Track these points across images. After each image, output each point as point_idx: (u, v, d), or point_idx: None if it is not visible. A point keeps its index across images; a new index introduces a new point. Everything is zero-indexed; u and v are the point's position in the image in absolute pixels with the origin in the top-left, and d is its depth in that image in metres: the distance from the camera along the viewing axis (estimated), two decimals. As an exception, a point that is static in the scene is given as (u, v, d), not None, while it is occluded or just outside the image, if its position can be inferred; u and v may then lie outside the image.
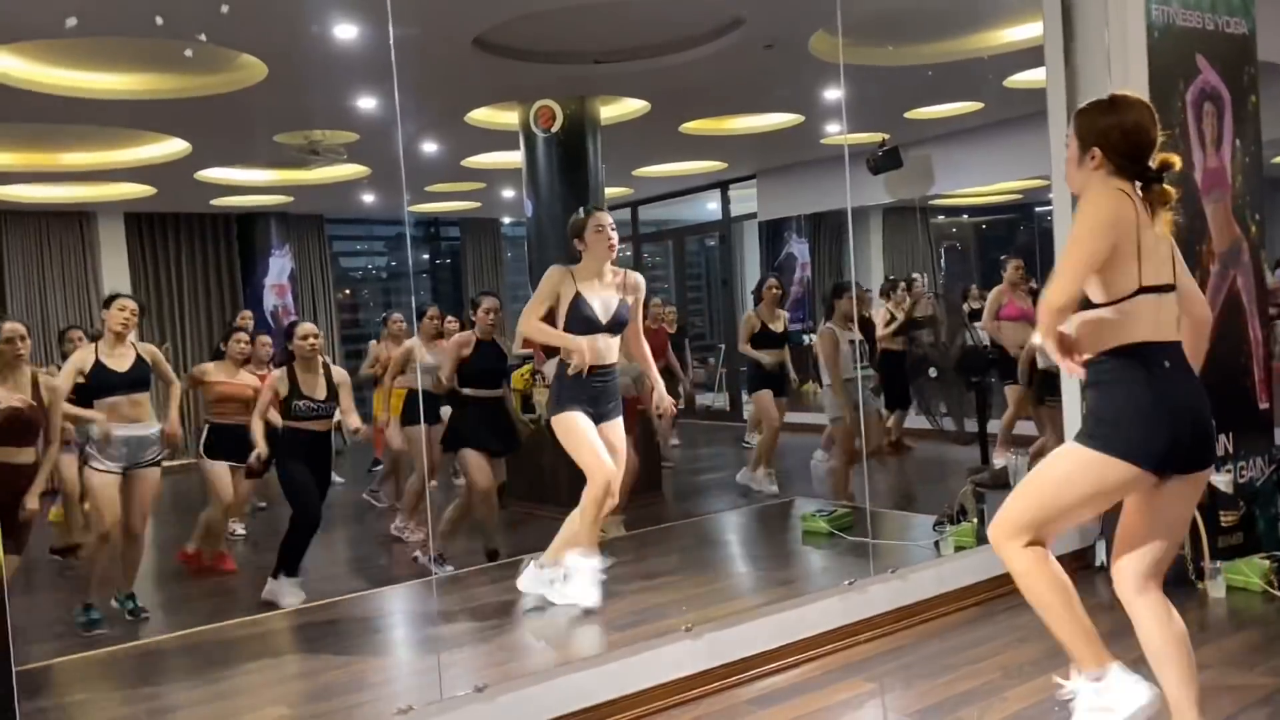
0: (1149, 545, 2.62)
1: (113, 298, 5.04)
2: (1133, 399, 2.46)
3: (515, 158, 7.77)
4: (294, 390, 5.02)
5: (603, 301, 4.08)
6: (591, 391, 4.06)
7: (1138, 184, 2.52)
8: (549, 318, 4.14)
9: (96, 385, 4.79)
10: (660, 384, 4.37)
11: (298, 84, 6.47)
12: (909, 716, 3.24)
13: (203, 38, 5.36)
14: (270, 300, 11.58)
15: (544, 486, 6.40)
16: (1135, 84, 4.42)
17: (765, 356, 7.03)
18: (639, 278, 4.25)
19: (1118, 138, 2.52)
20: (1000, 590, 4.34)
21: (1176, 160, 2.54)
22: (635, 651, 3.47)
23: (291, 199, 11.02)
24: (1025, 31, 6.44)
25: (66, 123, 7.26)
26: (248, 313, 8.09)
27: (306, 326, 5.15)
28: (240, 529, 6.66)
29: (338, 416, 5.21)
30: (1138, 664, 2.78)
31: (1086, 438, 2.53)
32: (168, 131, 7.75)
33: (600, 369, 4.06)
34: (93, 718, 3.38)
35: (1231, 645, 3.70)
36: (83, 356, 4.85)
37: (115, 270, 10.99)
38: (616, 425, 4.17)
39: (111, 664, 4.03)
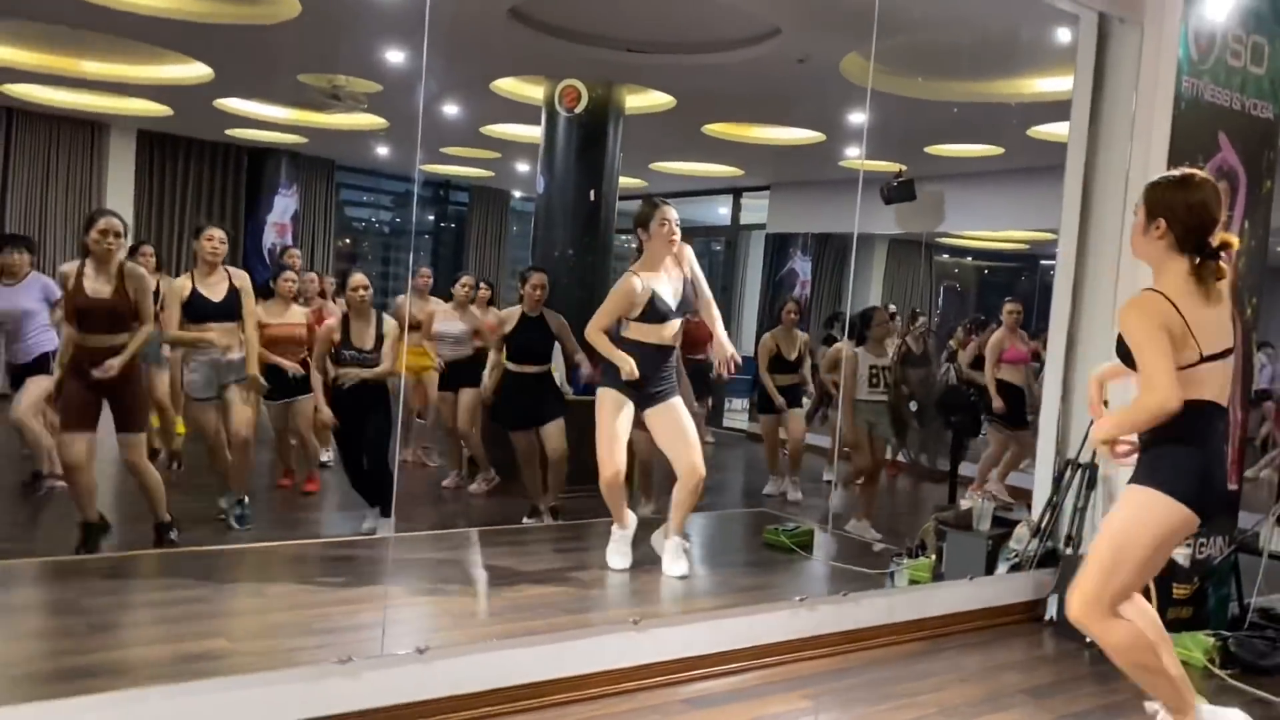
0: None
1: (201, 228, 5.25)
2: (1199, 455, 2.73)
3: (534, 132, 7.76)
4: (345, 339, 5.22)
5: (672, 291, 4.26)
6: (642, 370, 4.19)
7: (1196, 260, 2.72)
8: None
9: (194, 313, 5.01)
10: (723, 337, 4.45)
11: (329, 26, 6.45)
12: (840, 738, 3.26)
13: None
14: (269, 237, 11.55)
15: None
16: (1156, 151, 4.45)
17: (778, 383, 7.01)
18: (686, 247, 4.39)
19: (1184, 212, 2.71)
20: (949, 629, 4.38)
21: (1235, 241, 2.77)
22: (580, 636, 3.48)
23: (305, 140, 11.00)
24: (1055, 84, 6.47)
25: (89, 29, 7.22)
26: (295, 251, 8.13)
27: (358, 278, 5.33)
28: (325, 455, 6.70)
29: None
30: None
31: (1154, 480, 2.76)
32: (193, 54, 7.72)
33: (658, 347, 4.25)
34: (34, 623, 3.37)
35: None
36: (182, 284, 5.07)
37: (120, 184, 10.93)
38: (673, 406, 4.30)
39: (78, 570, 4.05)
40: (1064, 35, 5.39)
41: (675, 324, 4.31)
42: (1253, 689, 3.96)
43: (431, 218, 14.02)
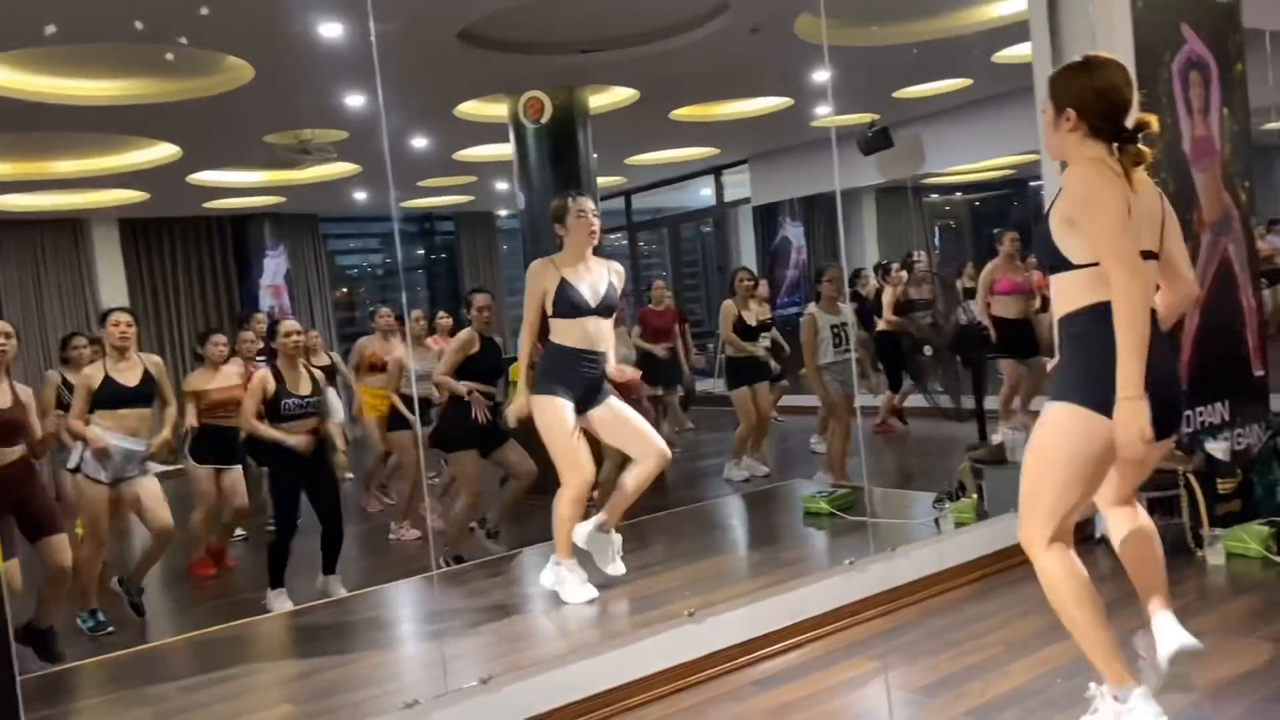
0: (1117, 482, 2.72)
1: (108, 312, 5.13)
2: (1109, 354, 2.39)
3: (506, 150, 7.76)
4: (280, 389, 4.99)
5: (590, 285, 4.09)
6: (580, 378, 4.07)
7: (1114, 145, 2.52)
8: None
9: (106, 399, 4.86)
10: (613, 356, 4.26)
11: (285, 84, 6.47)
12: (913, 693, 3.26)
13: (184, 40, 5.36)
14: (266, 301, 11.59)
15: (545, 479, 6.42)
16: (1121, 55, 4.38)
17: (744, 348, 6.98)
18: (619, 267, 4.26)
19: (1092, 98, 2.51)
20: (1002, 565, 4.37)
21: (1153, 120, 2.53)
22: (638, 638, 3.49)
23: (284, 199, 11.03)
24: (1010, 6, 6.44)
25: (55, 130, 7.26)
26: (260, 314, 8.10)
27: (289, 324, 5.15)
28: (240, 532, 6.59)
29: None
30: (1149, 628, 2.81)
31: (1065, 392, 2.51)
32: (158, 136, 7.75)
33: (591, 355, 4.08)
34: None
35: (1231, 611, 3.71)
36: (92, 372, 4.92)
37: (111, 277, 11.01)
38: (611, 404, 4.15)
39: (116, 669, 4.06)
40: (1010, -44, 5.35)
41: (599, 326, 4.08)
42: (1314, 570, 3.94)
43: (421, 251, 14.04)
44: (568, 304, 4.05)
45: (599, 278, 4.12)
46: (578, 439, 4.02)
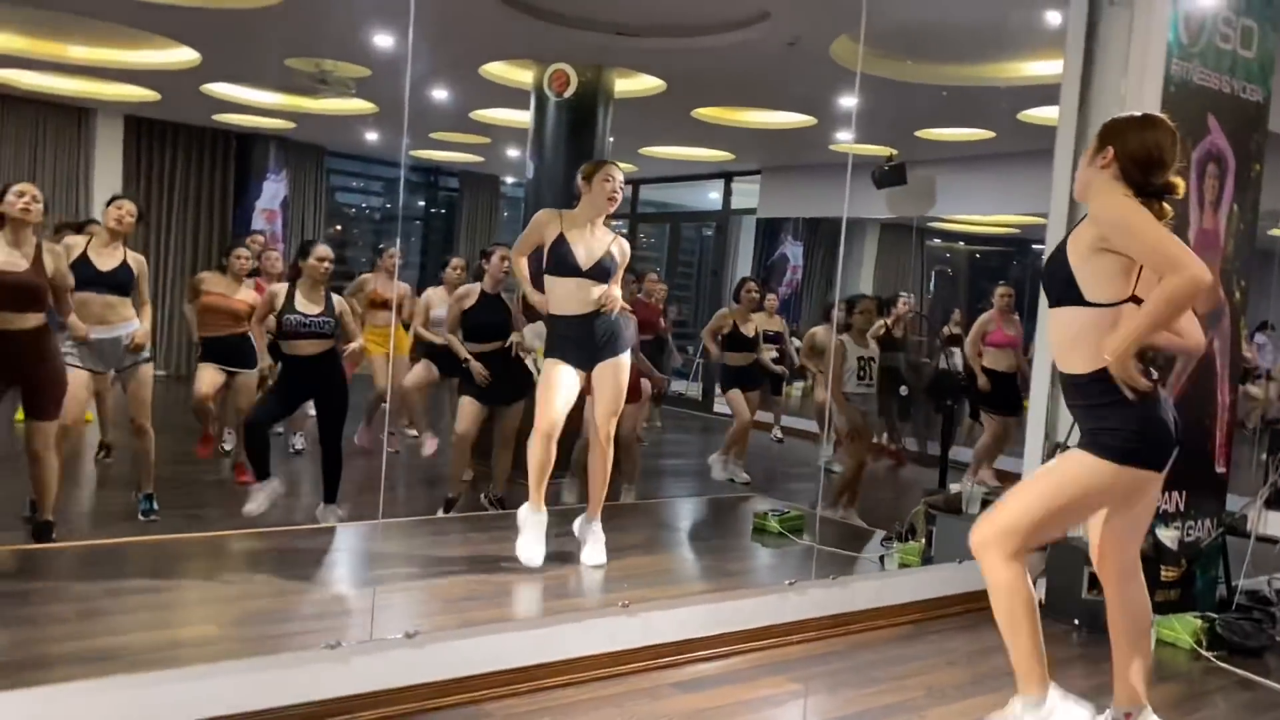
0: (1131, 540, 2.84)
1: (114, 198, 5.06)
2: (1142, 414, 2.58)
3: (524, 117, 7.72)
4: (289, 304, 4.99)
5: (587, 248, 4.10)
6: (575, 340, 4.11)
7: (1137, 196, 2.59)
8: (536, 260, 4.25)
9: (77, 278, 4.73)
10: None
11: (316, 10, 6.41)
12: (828, 721, 3.28)
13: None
14: (259, 223, 11.48)
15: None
16: (1144, 135, 4.45)
17: (733, 361, 7.04)
18: (626, 245, 4.28)
19: (1136, 145, 2.60)
20: (938, 612, 4.40)
21: (1181, 184, 2.63)
22: (570, 619, 3.49)
23: (294, 125, 10.94)
24: (1045, 67, 6.46)
25: (76, 14, 7.16)
26: (260, 235, 8.09)
27: (323, 249, 5.14)
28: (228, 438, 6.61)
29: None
30: (1096, 691, 2.85)
31: (1096, 448, 2.62)
32: (179, 39, 7.66)
33: (579, 318, 4.11)
34: (20, 611, 3.36)
35: (1154, 697, 3.74)
36: (74, 243, 4.84)
37: (109, 170, 10.88)
38: (611, 364, 4.17)
39: (58, 559, 4.03)
40: (1054, 18, 5.37)
41: (590, 290, 4.09)
42: (1240, 670, 3.98)
43: (422, 203, 13.97)
44: (559, 260, 4.09)
45: (599, 243, 4.14)
46: (558, 388, 4.07)
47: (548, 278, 4.16)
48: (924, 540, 4.89)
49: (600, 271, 4.11)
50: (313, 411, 5.83)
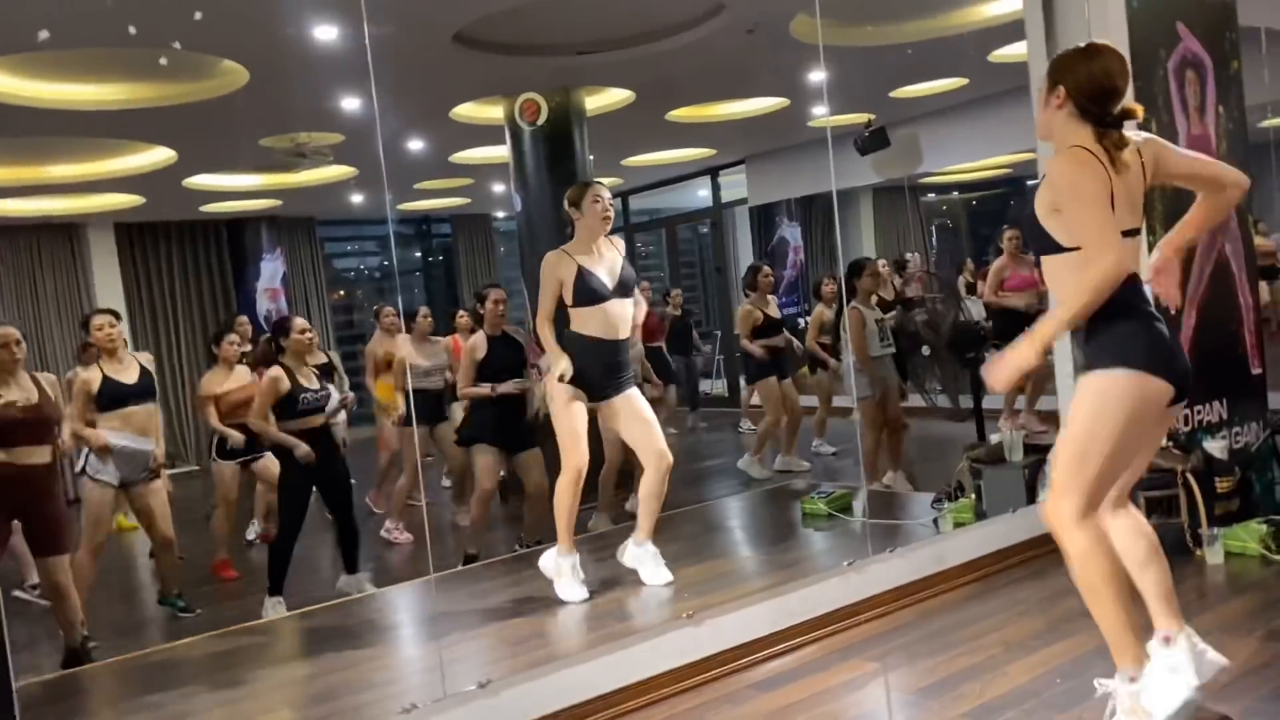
0: (1125, 473, 2.71)
1: (88, 318, 5.11)
2: (1140, 324, 2.56)
3: (502, 152, 7.75)
4: (295, 384, 4.99)
5: (607, 268, 4.12)
6: (594, 366, 4.09)
7: (1099, 130, 2.58)
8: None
9: (109, 399, 4.85)
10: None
11: (280, 87, 6.45)
12: (911, 695, 3.25)
13: (177, 45, 5.34)
14: (264, 305, 11.57)
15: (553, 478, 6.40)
16: (1116, 54, 4.41)
17: (763, 348, 7.06)
18: (620, 241, 4.30)
19: (1084, 80, 2.60)
20: (1000, 565, 4.37)
21: (1139, 109, 2.64)
22: (638, 641, 3.48)
23: (281, 202, 11.02)
24: (1007, 5, 6.42)
25: (50, 135, 7.24)
26: (244, 318, 8.11)
27: (300, 321, 5.17)
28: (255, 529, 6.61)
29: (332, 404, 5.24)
30: (1148, 628, 2.78)
31: (1104, 361, 2.57)
32: (153, 140, 7.74)
33: (611, 343, 4.11)
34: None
35: (1230, 611, 3.71)
36: (88, 376, 4.92)
37: (108, 281, 10.98)
38: (629, 396, 4.19)
39: (115, 675, 4.05)
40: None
41: (621, 310, 4.12)
42: (1313, 568, 3.93)
43: (418, 254, 14.03)
44: (588, 291, 4.07)
45: (613, 260, 4.17)
46: (581, 433, 4.07)
47: (577, 309, 4.11)
48: (974, 495, 4.86)
49: (625, 287, 4.15)
50: None
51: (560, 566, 4.09)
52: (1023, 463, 4.83)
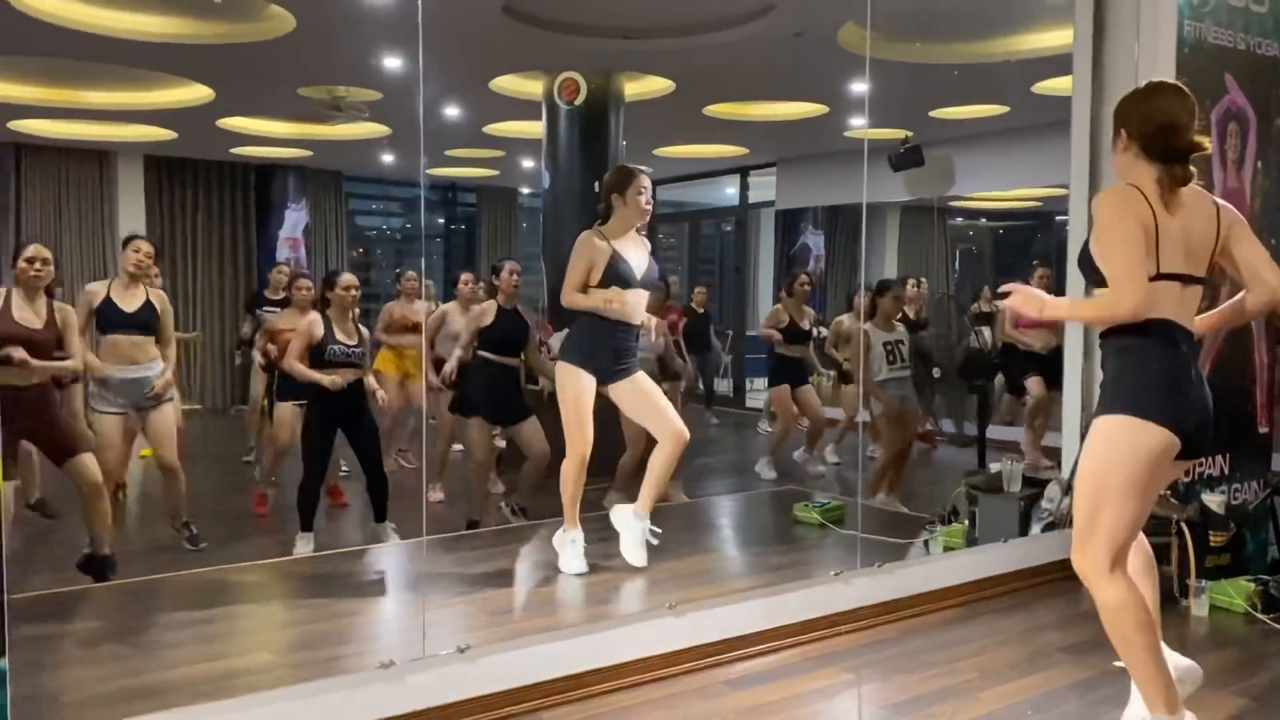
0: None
1: (129, 239, 5.14)
2: (1158, 368, 2.57)
3: (536, 128, 7.76)
4: (329, 335, 5.09)
5: (637, 259, 4.15)
6: (605, 346, 4.12)
7: (1163, 167, 2.59)
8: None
9: (103, 321, 4.88)
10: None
11: (325, 38, 6.46)
12: (883, 709, 3.27)
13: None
14: (283, 253, 11.59)
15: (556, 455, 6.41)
16: (1161, 98, 4.40)
17: (791, 353, 7.08)
18: (645, 239, 4.32)
19: (1142, 120, 2.62)
20: (986, 593, 4.38)
21: (1206, 142, 2.63)
22: (618, 624, 3.51)
23: (311, 154, 11.04)
24: (1055, 38, 6.39)
25: (89, 60, 7.27)
26: (285, 264, 8.21)
27: (348, 277, 5.24)
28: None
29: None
30: (1125, 671, 2.81)
31: (1115, 406, 2.59)
32: (192, 77, 7.76)
33: (625, 326, 4.14)
34: (78, 648, 3.42)
35: (1210, 663, 3.68)
36: (96, 290, 4.94)
37: (132, 212, 11.01)
38: (636, 380, 4.21)
39: (107, 597, 4.10)
40: (1061, -12, 5.33)
41: (638, 299, 4.15)
42: (1296, 631, 3.93)
43: (441, 220, 14.04)
44: (617, 276, 4.09)
45: (642, 254, 4.19)
46: (588, 415, 4.11)
47: (599, 292, 4.11)
48: (967, 522, 4.87)
49: (650, 281, 4.20)
50: None
51: (563, 540, 4.18)
52: (1019, 494, 4.84)
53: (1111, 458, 2.58)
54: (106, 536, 4.46)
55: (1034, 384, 6.89)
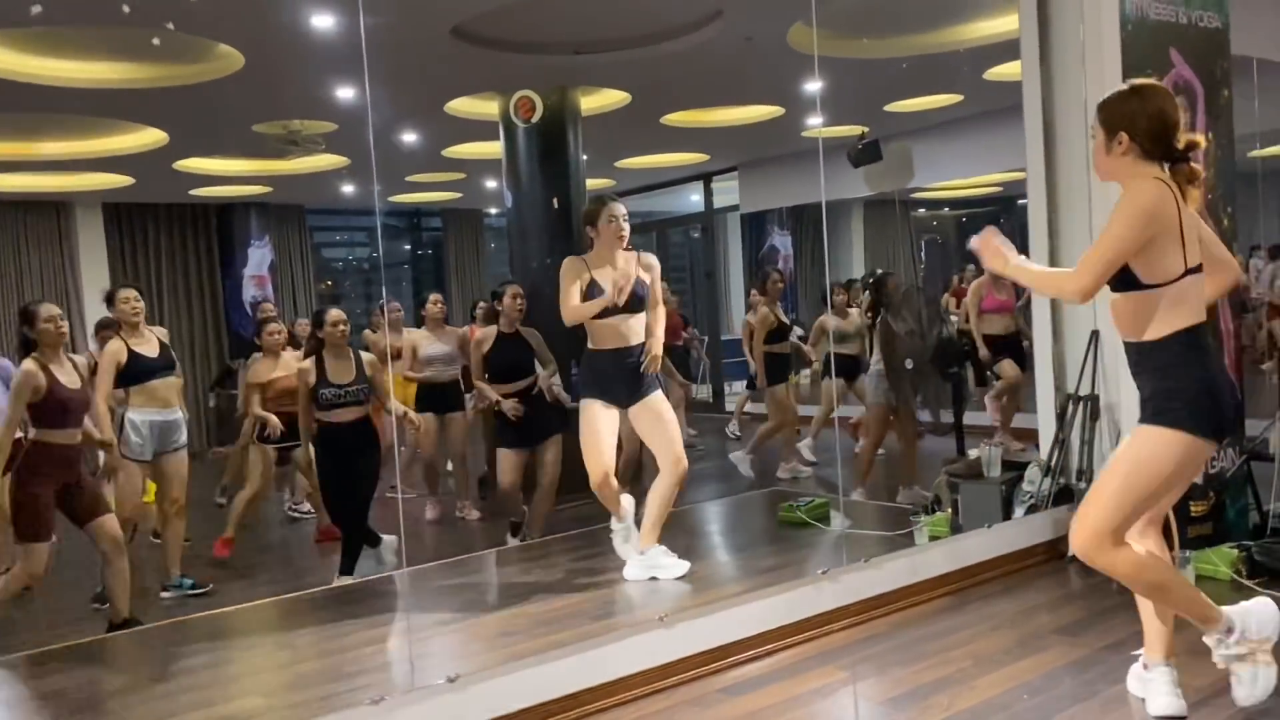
0: (1161, 504, 2.91)
1: (114, 291, 5.21)
2: (1203, 379, 2.67)
3: (495, 148, 7.74)
4: (321, 379, 5.00)
5: (614, 283, 4.14)
6: (616, 376, 4.18)
7: (1166, 166, 2.66)
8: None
9: (136, 370, 4.96)
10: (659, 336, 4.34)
11: (275, 73, 6.43)
12: (880, 704, 3.26)
13: (171, 26, 5.33)
14: (250, 291, 11.52)
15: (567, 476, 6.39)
16: (1110, 76, 4.45)
17: (775, 351, 7.12)
18: (652, 258, 4.34)
19: (1145, 122, 2.66)
20: (973, 580, 4.39)
21: (1201, 139, 2.72)
22: (609, 641, 3.48)
23: (271, 189, 10.98)
24: (1002, 25, 6.46)
25: (41, 111, 7.20)
26: (269, 305, 8.17)
27: (335, 313, 5.16)
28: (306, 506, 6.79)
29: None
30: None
31: (1162, 418, 2.68)
32: (145, 121, 7.70)
33: (625, 351, 4.19)
34: (63, 701, 3.37)
35: (1197, 633, 3.71)
36: (116, 349, 4.99)
37: (94, 261, 10.92)
38: (649, 403, 4.24)
39: (93, 651, 4.03)
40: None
41: (631, 322, 4.22)
42: (1282, 594, 3.95)
43: (407, 247, 13.99)
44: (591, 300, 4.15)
45: (626, 275, 4.19)
46: (604, 440, 4.19)
47: (591, 323, 4.21)
48: (950, 510, 4.88)
49: (635, 302, 4.20)
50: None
51: (615, 527, 4.38)
52: (1000, 479, 4.86)
53: (1149, 463, 2.69)
54: (126, 597, 4.45)
55: (1006, 366, 6.94)
